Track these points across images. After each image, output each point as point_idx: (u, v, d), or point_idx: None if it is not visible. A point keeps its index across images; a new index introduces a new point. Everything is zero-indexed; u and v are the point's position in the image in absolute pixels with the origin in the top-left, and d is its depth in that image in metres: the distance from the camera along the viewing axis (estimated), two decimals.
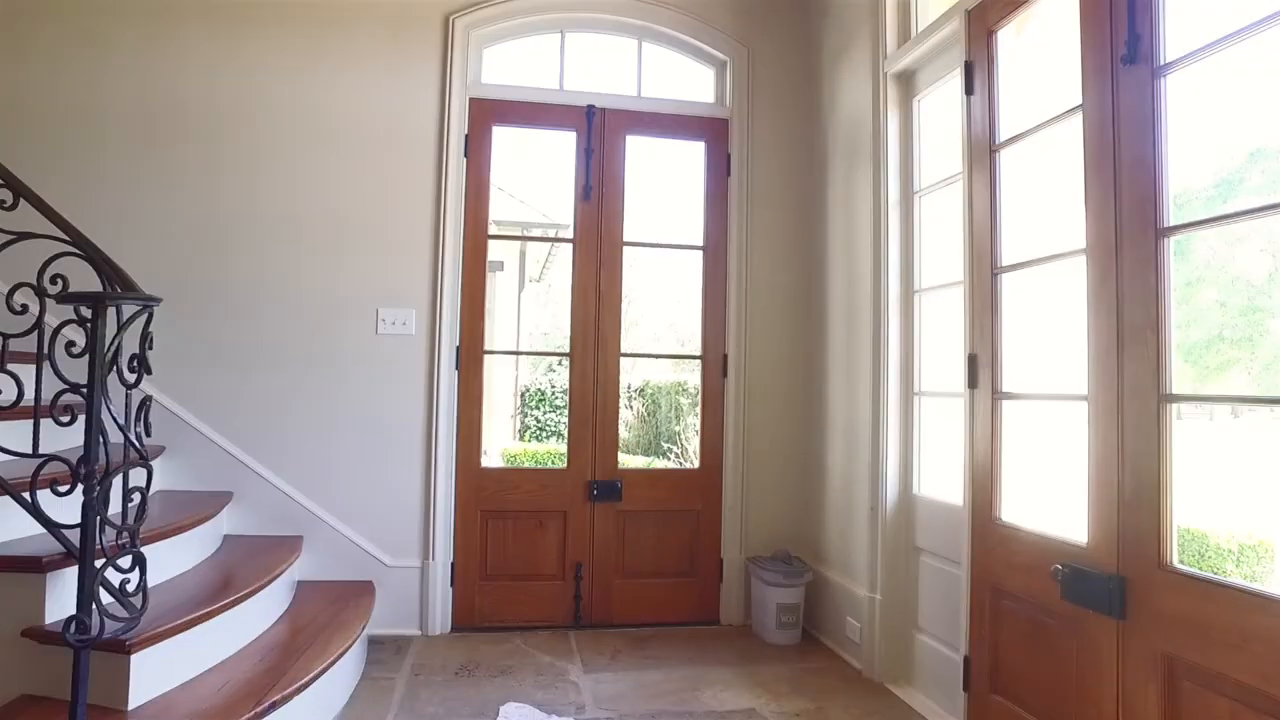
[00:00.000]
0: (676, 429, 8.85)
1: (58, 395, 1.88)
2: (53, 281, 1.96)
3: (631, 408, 9.44)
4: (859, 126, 3.27)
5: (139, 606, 1.94)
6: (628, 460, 8.05)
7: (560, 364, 9.92)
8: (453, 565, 3.45)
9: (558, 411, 9.34)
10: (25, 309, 2.01)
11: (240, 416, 3.32)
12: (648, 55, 3.73)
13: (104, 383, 1.79)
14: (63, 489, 1.82)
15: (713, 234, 3.71)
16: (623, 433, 10.20)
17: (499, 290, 9.93)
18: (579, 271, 3.61)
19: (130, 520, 1.88)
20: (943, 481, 2.82)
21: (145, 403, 1.95)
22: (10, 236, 2.05)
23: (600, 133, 3.62)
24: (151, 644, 2.01)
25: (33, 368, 1.95)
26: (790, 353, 3.75)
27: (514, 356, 9.84)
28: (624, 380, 3.91)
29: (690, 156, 3.79)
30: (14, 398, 1.94)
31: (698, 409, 3.87)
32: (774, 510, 3.71)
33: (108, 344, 1.82)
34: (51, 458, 1.85)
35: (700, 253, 3.73)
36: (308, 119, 3.39)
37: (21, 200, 2.09)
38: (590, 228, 3.61)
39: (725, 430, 3.66)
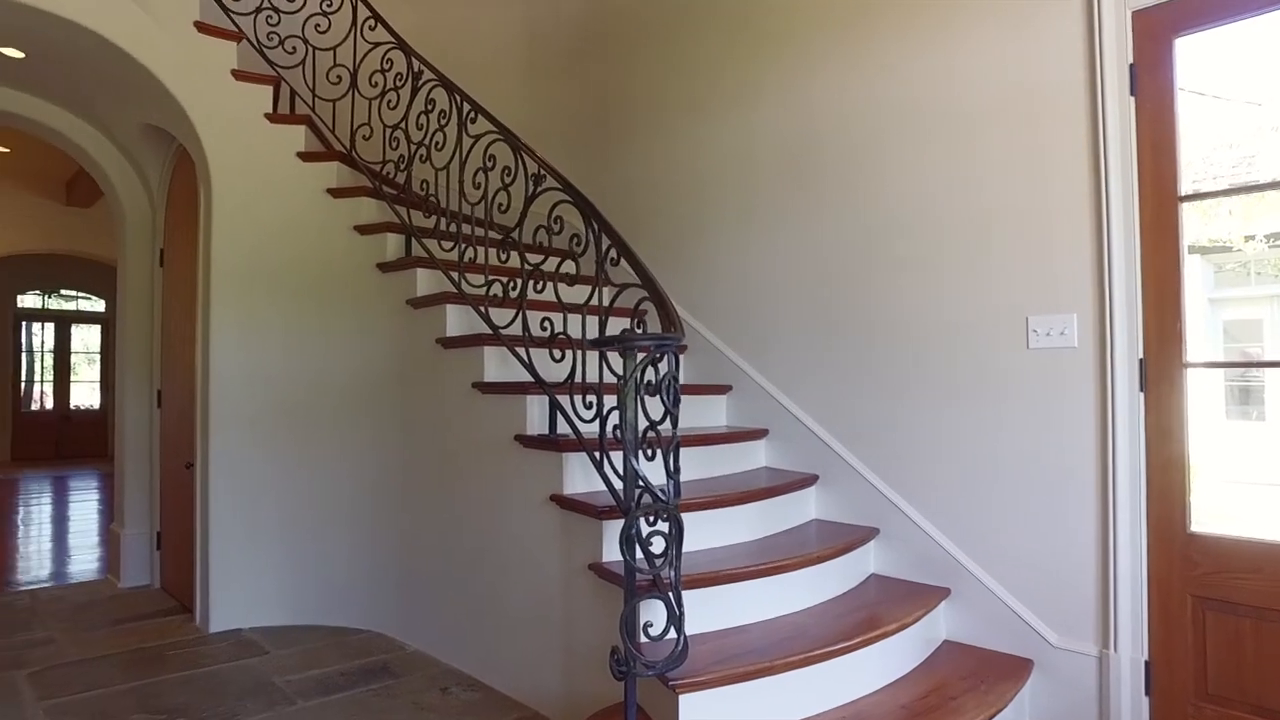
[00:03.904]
0: None
1: (644, 430, 2.01)
2: (638, 325, 2.13)
3: None
4: None
5: (670, 655, 1.89)
6: None
7: None
8: (1147, 664, 2.47)
9: None
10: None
11: (885, 447, 3.13)
12: None
13: (632, 425, 1.82)
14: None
15: None
16: None
17: None
18: None
19: (656, 567, 1.85)
20: None
21: (669, 445, 1.90)
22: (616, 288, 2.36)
23: None
24: (703, 689, 1.96)
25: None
26: None
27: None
28: None
29: None
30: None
31: None
32: None
33: (636, 383, 1.85)
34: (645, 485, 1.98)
35: None
36: (931, 104, 3.01)
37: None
38: None
39: None
